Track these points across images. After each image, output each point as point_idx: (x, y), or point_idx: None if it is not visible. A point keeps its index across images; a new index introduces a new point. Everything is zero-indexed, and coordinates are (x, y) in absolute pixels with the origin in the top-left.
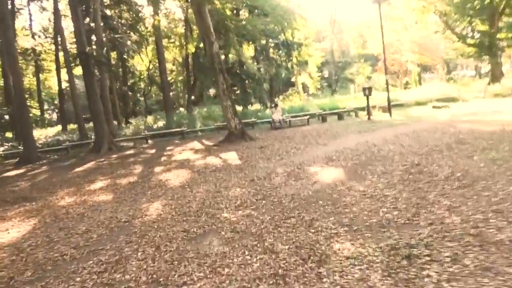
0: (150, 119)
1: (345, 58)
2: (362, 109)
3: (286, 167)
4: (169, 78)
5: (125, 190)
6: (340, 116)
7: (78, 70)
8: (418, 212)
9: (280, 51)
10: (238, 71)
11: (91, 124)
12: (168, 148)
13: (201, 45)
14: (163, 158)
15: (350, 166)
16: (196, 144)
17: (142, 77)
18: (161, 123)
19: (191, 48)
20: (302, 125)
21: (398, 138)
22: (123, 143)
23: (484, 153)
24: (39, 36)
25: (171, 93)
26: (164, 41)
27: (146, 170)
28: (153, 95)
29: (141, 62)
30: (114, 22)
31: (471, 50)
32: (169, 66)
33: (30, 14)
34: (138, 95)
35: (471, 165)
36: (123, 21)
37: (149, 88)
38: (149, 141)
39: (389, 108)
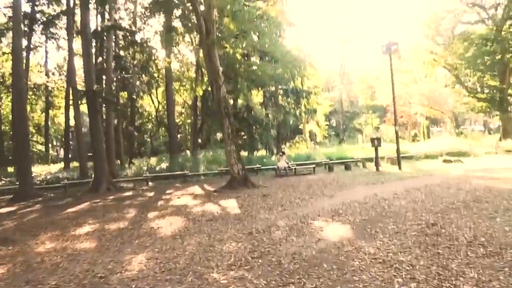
0: (153, 160)
1: (354, 108)
2: (370, 159)
3: (289, 219)
4: (177, 121)
5: (112, 237)
6: (347, 166)
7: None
8: (441, 286)
9: (289, 98)
10: (245, 116)
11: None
12: (168, 191)
13: (210, 88)
14: (160, 203)
15: (358, 223)
16: (196, 189)
17: (150, 118)
18: (164, 165)
19: (200, 91)
20: (308, 174)
21: (409, 192)
22: (124, 183)
23: (507, 214)
24: (53, 74)
25: (178, 136)
26: (176, 84)
27: (139, 215)
28: (161, 136)
29: (151, 103)
30: (126, 63)
31: (482, 105)
32: (178, 108)
33: (46, 52)
34: (146, 136)
35: (495, 228)
36: (135, 62)
37: (157, 129)
38: (150, 183)
39: (398, 160)
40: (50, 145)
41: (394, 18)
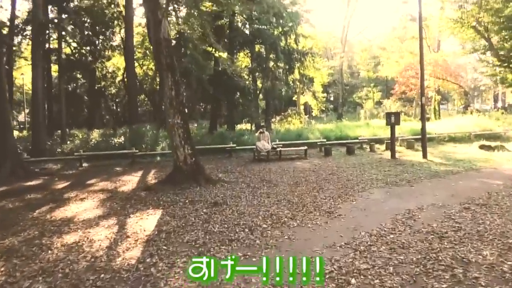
0: (96, 133)
1: (354, 80)
2: (378, 141)
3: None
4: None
5: None
6: (350, 150)
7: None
8: None
9: (280, 61)
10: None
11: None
12: (89, 182)
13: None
14: (37, 211)
15: None
16: (132, 179)
17: (117, 80)
18: (121, 140)
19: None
20: (298, 158)
21: (481, 212)
22: (50, 164)
23: None
24: None
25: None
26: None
27: None
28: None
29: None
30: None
31: None
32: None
33: None
34: (112, 103)
35: None
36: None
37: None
38: (85, 164)
39: (423, 145)
40: None
41: None
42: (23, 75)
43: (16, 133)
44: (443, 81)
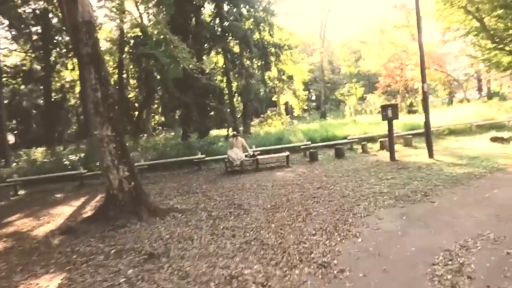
0: (38, 152)
1: (335, 76)
2: (370, 139)
3: None
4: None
5: None
6: (339, 152)
7: None
8: None
9: (254, 58)
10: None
11: None
12: (8, 219)
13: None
14: None
15: None
16: (66, 210)
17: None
18: (77, 156)
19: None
20: (279, 167)
21: None
22: None
23: None
24: None
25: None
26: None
27: None
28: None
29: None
30: None
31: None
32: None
33: None
34: (70, 115)
35: None
36: None
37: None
38: (22, 192)
39: (428, 140)
40: None
41: None
42: None
43: None
44: (429, 71)
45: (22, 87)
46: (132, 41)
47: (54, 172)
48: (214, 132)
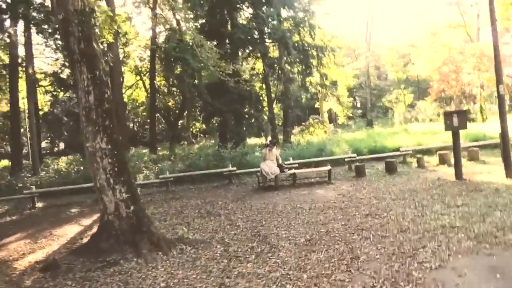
0: (61, 162)
1: (382, 82)
2: (425, 152)
3: None
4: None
5: None
6: (390, 167)
7: None
8: None
9: (293, 59)
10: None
11: None
12: (8, 239)
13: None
14: None
15: None
16: (72, 230)
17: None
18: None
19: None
20: (319, 183)
21: None
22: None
23: None
24: None
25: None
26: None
27: None
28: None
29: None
30: None
31: None
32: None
33: None
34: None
35: None
36: None
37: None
38: (38, 204)
39: (506, 156)
40: None
41: None
42: None
43: None
44: (490, 75)
45: (61, 94)
46: (164, 46)
47: (79, 183)
48: (252, 141)
